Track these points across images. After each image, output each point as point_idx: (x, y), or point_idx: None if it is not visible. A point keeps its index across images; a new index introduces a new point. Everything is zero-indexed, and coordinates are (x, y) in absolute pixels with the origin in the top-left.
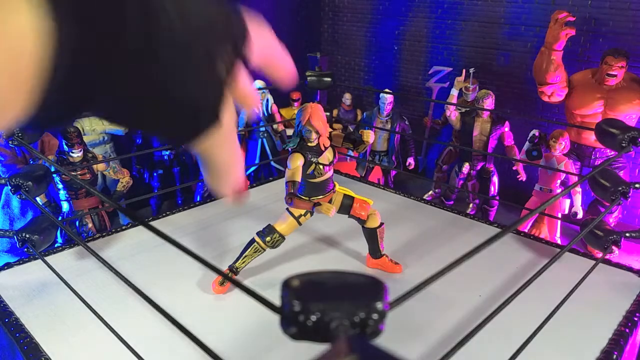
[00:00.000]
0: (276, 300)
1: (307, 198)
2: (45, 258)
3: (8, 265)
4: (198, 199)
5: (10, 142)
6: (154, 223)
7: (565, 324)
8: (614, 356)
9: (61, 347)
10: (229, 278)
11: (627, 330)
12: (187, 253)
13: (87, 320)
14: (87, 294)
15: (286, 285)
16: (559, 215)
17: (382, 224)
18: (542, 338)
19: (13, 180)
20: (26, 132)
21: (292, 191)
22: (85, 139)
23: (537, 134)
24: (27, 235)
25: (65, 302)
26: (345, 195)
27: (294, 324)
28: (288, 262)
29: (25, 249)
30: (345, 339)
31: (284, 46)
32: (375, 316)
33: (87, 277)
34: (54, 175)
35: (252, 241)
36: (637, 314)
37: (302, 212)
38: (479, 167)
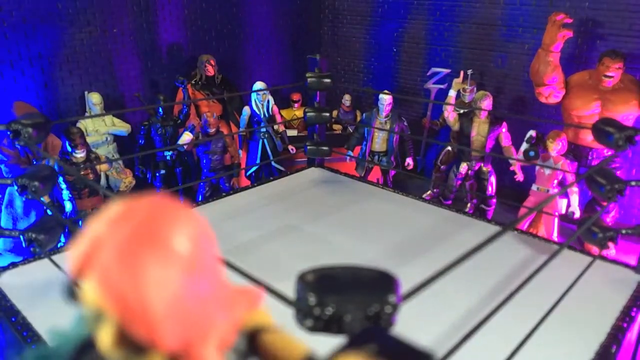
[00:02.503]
0: (289, 294)
1: None
2: (51, 257)
3: (13, 265)
4: (200, 199)
5: (17, 142)
6: None
7: (564, 319)
8: (613, 350)
9: None
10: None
11: (624, 324)
12: None
13: None
14: None
15: (301, 279)
16: (556, 215)
17: None
18: (542, 333)
19: (20, 181)
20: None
21: None
22: (89, 139)
23: (534, 134)
24: (34, 235)
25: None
26: None
27: (310, 316)
28: (297, 257)
29: (32, 249)
30: (362, 329)
31: (285, 49)
32: (388, 309)
33: None
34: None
35: None
36: (634, 309)
37: None
38: (476, 167)
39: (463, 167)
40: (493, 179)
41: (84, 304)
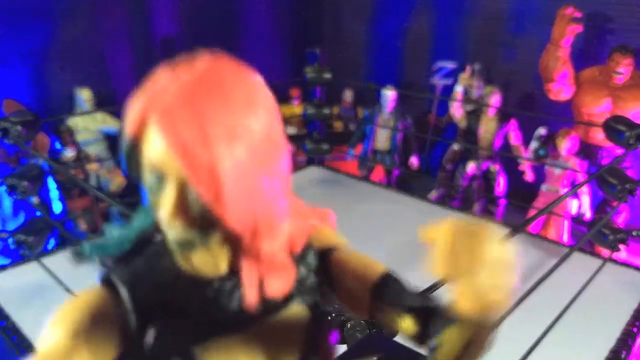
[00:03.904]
0: None
1: None
2: (41, 260)
3: (2, 268)
4: None
5: (6, 140)
6: None
7: (573, 323)
8: (622, 356)
9: None
10: None
11: (635, 329)
12: None
13: None
14: None
15: None
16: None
17: None
18: (552, 338)
19: (8, 181)
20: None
21: None
22: (79, 137)
23: (544, 132)
24: (22, 237)
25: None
26: None
27: None
28: None
29: (21, 251)
30: (365, 337)
31: (284, 43)
32: None
33: (84, 279)
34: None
35: None
36: None
37: None
38: (484, 167)
39: (470, 166)
40: (501, 179)
41: (145, 167)
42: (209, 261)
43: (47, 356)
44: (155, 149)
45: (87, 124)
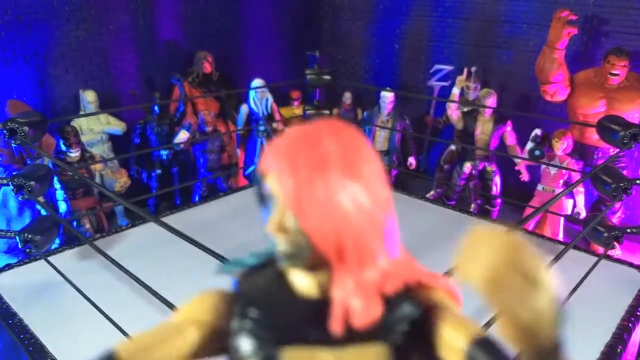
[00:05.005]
0: None
1: None
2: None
3: (9, 267)
4: (197, 199)
5: (13, 142)
6: (153, 224)
7: (569, 319)
8: (618, 350)
9: (67, 347)
10: None
11: (629, 324)
12: (201, 248)
13: (92, 319)
14: (91, 293)
15: None
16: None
17: None
18: None
19: (15, 181)
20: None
21: None
22: (83, 138)
23: (539, 133)
24: (30, 236)
25: (69, 302)
26: None
27: None
28: None
29: (27, 250)
30: None
31: (284, 45)
32: None
33: (90, 277)
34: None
35: None
36: (639, 309)
37: None
38: (481, 167)
39: (467, 167)
40: (498, 179)
41: (266, 195)
42: (305, 281)
43: (165, 325)
44: (270, 182)
45: (92, 125)
